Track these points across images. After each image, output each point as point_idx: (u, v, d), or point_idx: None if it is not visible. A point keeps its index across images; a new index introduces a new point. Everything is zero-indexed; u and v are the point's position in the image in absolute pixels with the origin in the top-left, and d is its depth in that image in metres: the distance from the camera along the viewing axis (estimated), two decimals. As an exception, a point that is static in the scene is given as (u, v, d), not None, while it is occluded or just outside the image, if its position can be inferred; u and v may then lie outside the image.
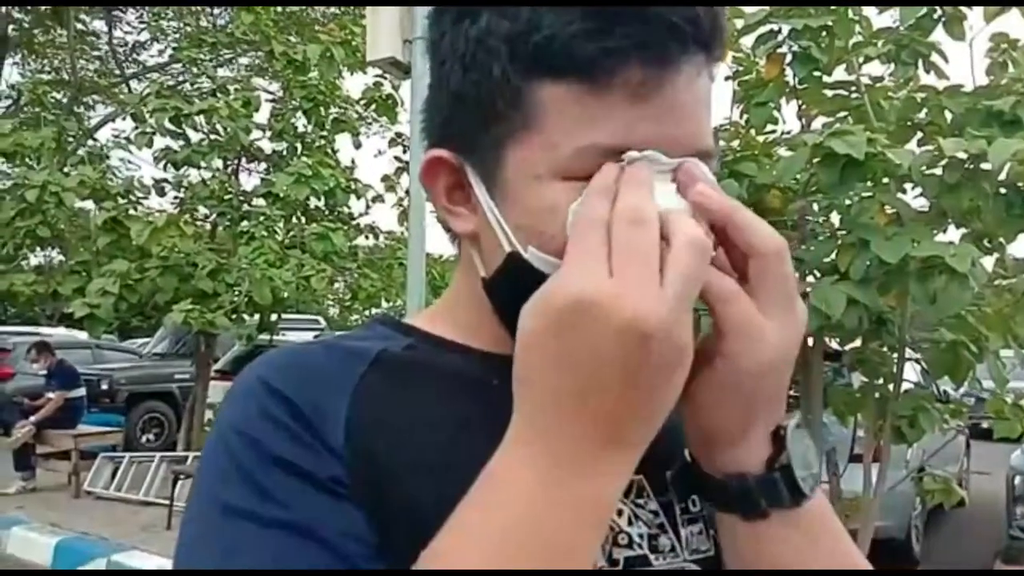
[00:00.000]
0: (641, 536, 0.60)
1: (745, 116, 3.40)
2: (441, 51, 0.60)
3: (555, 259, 0.54)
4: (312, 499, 0.53)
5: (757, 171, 3.11)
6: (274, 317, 7.60)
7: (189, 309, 6.54)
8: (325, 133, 8.06)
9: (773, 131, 3.47)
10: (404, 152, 7.91)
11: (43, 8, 9.80)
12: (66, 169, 7.65)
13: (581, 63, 0.53)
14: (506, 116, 0.56)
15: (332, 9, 9.34)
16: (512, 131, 0.56)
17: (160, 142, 7.73)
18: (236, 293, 6.84)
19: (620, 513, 0.60)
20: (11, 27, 10.21)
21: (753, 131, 3.48)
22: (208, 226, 7.92)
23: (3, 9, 9.80)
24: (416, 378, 0.62)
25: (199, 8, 9.74)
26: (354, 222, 8.53)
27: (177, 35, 10.10)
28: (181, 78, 10.02)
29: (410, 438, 0.58)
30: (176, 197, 8.01)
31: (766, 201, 3.17)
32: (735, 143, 3.45)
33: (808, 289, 2.71)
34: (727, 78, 3.51)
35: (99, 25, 10.29)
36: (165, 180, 7.99)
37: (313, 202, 7.73)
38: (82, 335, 13.12)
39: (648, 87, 0.53)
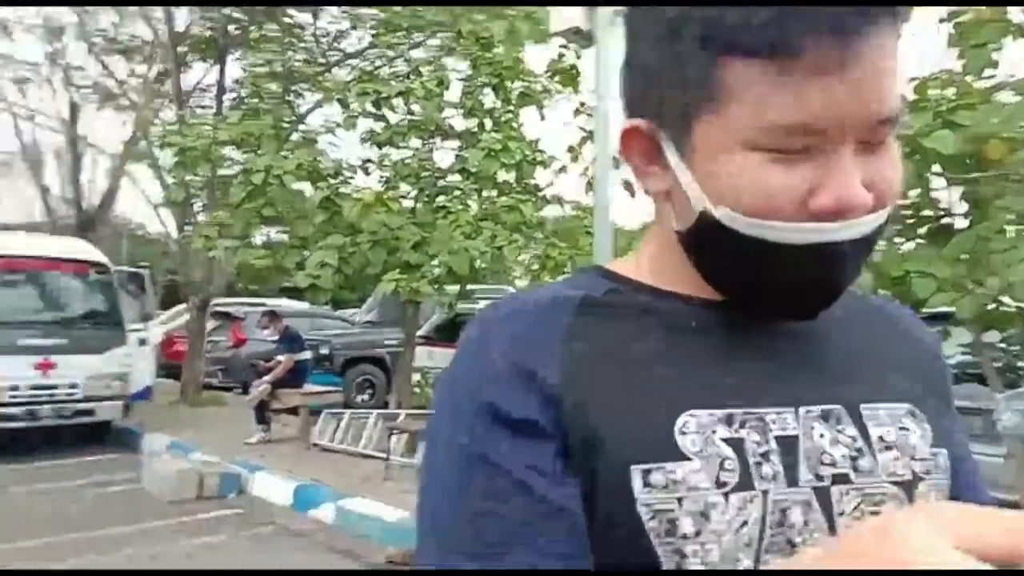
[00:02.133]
0: (843, 457, 0.64)
1: (961, 61, 3.19)
2: (636, 29, 0.66)
3: (743, 218, 0.61)
4: (507, 439, 0.61)
5: (975, 120, 2.92)
6: (471, 286, 8.02)
7: (397, 279, 7.07)
8: (511, 107, 8.31)
9: (992, 76, 3.22)
10: (588, 121, 8.01)
11: (258, 7, 10.78)
12: (283, 153, 8.43)
13: (769, 43, 0.56)
14: (697, 92, 0.61)
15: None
16: (702, 105, 0.61)
17: (363, 124, 8.34)
18: (437, 264, 7.30)
19: (822, 436, 0.65)
20: (232, 27, 11.32)
21: (970, 77, 3.25)
22: (410, 202, 8.46)
23: (225, 11, 10.88)
24: (617, 319, 0.67)
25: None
26: (541, 193, 8.77)
27: (375, 21, 10.74)
28: (378, 63, 10.69)
29: (609, 372, 0.64)
30: (381, 176, 8.62)
31: (985, 152, 2.98)
32: (950, 91, 3.24)
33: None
34: (940, 20, 3.29)
35: (305, 17, 11.15)
36: (370, 160, 8.62)
37: (502, 175, 8.03)
38: (301, 305, 14.50)
39: (833, 64, 0.56)
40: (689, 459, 0.61)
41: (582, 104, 8.30)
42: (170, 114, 11.73)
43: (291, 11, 11.33)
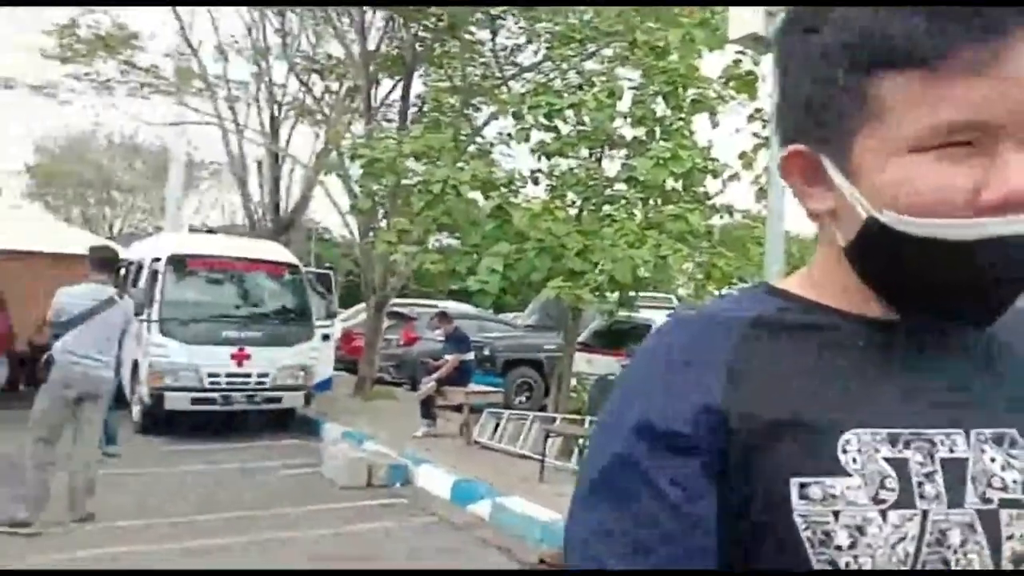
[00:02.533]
0: (1015, 482, 0.64)
1: None
2: (786, 62, 0.69)
3: (908, 217, 0.61)
4: (656, 452, 0.65)
5: None
6: (632, 294, 8.02)
7: (560, 286, 7.21)
8: (683, 115, 8.23)
9: None
10: (763, 127, 7.78)
11: (440, 24, 11.35)
12: (459, 164, 8.83)
13: (914, 53, 0.59)
14: (851, 114, 0.64)
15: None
16: (859, 125, 0.63)
17: (536, 136, 8.58)
18: (599, 271, 7.37)
19: (993, 460, 0.65)
20: (417, 45, 11.99)
21: None
22: (576, 210, 8.60)
23: (411, 32, 11.54)
24: (788, 336, 0.69)
25: (567, 8, 10.52)
26: (709, 201, 8.61)
27: (549, 35, 11.02)
28: (552, 75, 10.95)
29: (775, 389, 0.66)
30: (548, 185, 8.82)
31: None
32: None
33: None
34: None
35: (484, 34, 11.62)
36: (539, 170, 8.85)
37: (670, 184, 7.97)
38: (467, 308, 15.07)
39: (980, 61, 0.58)
40: (849, 475, 0.63)
41: (757, 110, 8.09)
42: (359, 128, 12.60)
43: (472, 28, 11.84)
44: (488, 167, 8.71)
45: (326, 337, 10.78)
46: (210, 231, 15.05)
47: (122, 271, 10.71)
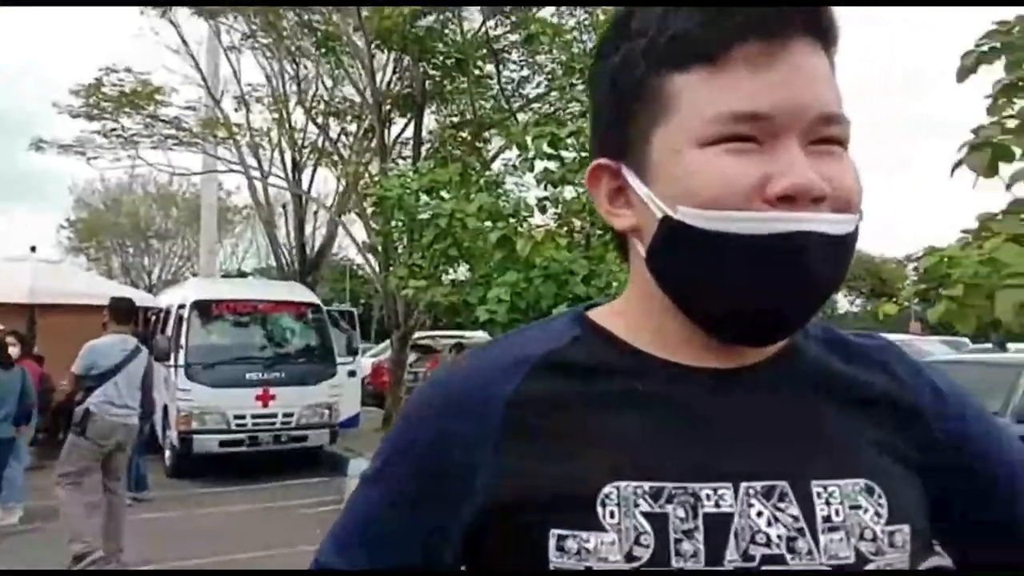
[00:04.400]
0: (780, 537, 0.63)
1: None
2: (595, 91, 0.72)
3: (701, 211, 0.61)
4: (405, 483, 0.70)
5: None
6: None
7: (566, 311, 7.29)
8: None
9: None
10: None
11: (448, 61, 11.61)
12: (472, 197, 9.00)
13: (702, 48, 0.62)
14: (648, 110, 0.65)
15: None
16: (654, 120, 0.65)
17: (540, 165, 8.71)
18: (606, 296, 7.44)
19: (760, 515, 0.63)
20: (427, 82, 12.26)
21: None
22: (582, 236, 8.70)
23: (419, 70, 11.82)
24: (572, 380, 0.69)
25: (572, 38, 10.71)
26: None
27: (553, 65, 11.20)
28: (557, 105, 11.11)
29: (544, 437, 0.66)
30: (555, 213, 8.94)
31: None
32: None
33: None
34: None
35: (490, 68, 11.85)
36: (546, 199, 8.98)
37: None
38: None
39: (764, 58, 0.61)
40: (605, 530, 0.62)
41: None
42: (376, 167, 12.89)
43: (479, 63, 12.09)
44: (495, 198, 8.86)
45: (351, 374, 10.96)
46: (242, 275, 15.44)
47: (152, 319, 11.11)
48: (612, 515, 0.62)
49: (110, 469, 5.86)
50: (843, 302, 37.42)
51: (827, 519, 0.64)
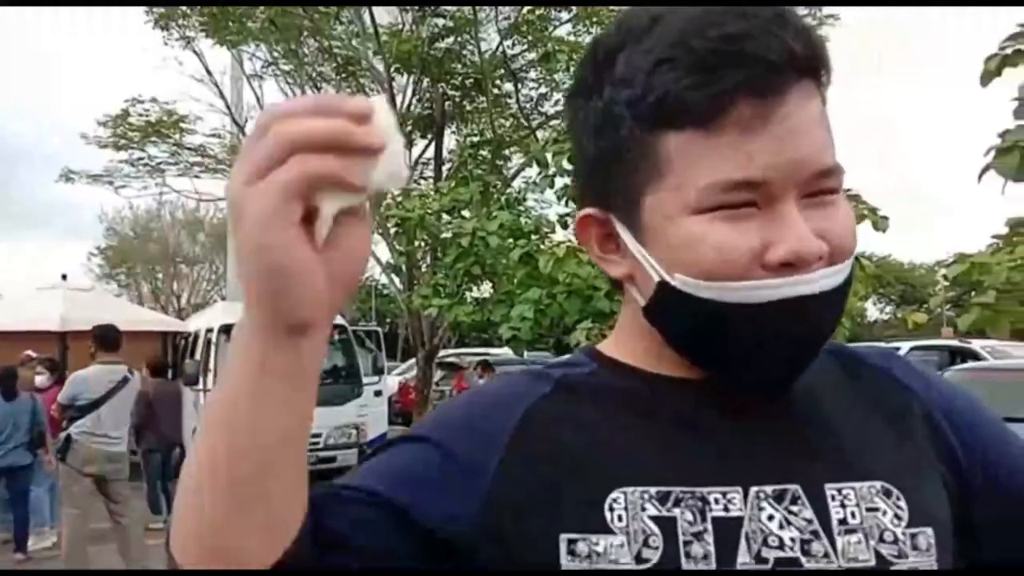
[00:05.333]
0: (793, 540, 0.62)
1: None
2: (576, 128, 0.69)
3: (701, 281, 0.61)
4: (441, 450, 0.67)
5: None
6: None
7: (589, 327, 7.28)
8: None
9: None
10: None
11: (467, 82, 11.72)
12: (494, 215, 9.05)
13: (693, 112, 0.59)
14: (637, 168, 0.63)
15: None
16: (645, 181, 0.63)
17: (560, 181, 8.74)
18: (630, 311, 7.40)
19: (771, 518, 0.62)
20: (447, 103, 12.38)
21: None
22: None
23: (439, 91, 11.95)
24: (582, 397, 0.70)
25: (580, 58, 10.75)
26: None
27: (571, 81, 11.24)
28: (576, 121, 11.12)
29: (555, 449, 0.67)
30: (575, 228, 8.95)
31: None
32: None
33: None
34: None
35: (509, 87, 11.94)
36: (568, 214, 8.99)
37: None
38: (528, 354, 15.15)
39: (757, 120, 0.59)
40: (614, 533, 0.62)
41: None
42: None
43: (497, 82, 12.18)
44: (517, 215, 8.90)
45: (378, 393, 10.99)
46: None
47: (182, 343, 11.24)
48: (620, 518, 0.62)
49: (110, 497, 5.91)
50: (873, 310, 36.91)
51: (843, 521, 0.63)
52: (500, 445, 0.67)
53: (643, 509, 0.63)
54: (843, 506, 0.63)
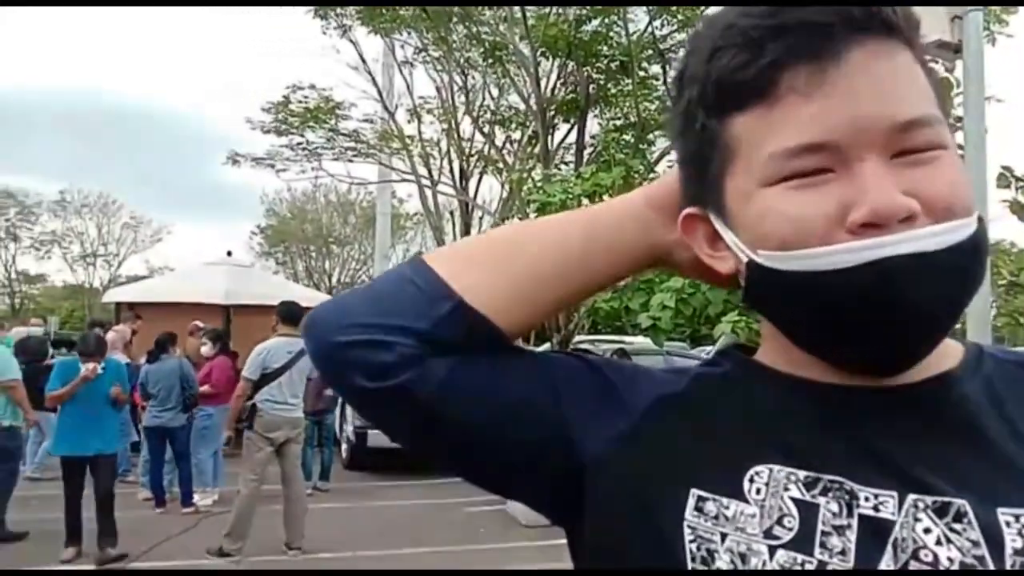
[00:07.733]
0: (951, 560, 0.56)
1: None
2: (669, 130, 0.73)
3: (775, 252, 0.61)
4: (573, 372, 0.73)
5: None
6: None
7: (736, 320, 7.00)
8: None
9: None
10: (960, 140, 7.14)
11: (613, 65, 11.54)
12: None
13: (748, 88, 0.61)
14: (715, 157, 0.65)
15: None
16: (723, 166, 0.65)
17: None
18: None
19: (928, 531, 0.57)
20: (591, 86, 12.24)
21: None
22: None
23: (584, 74, 11.83)
24: (736, 386, 0.70)
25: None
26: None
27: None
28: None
29: (705, 422, 0.68)
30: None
31: None
32: None
33: None
34: None
35: (656, 69, 11.65)
36: (713, 200, 8.69)
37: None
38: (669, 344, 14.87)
39: (813, 85, 0.58)
40: (748, 503, 0.61)
41: (957, 119, 7.42)
42: (539, 172, 13.03)
43: (643, 64, 11.92)
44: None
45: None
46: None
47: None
48: (758, 492, 0.61)
49: (285, 461, 6.31)
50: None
51: (1019, 552, 0.56)
52: (652, 396, 0.70)
53: (786, 489, 0.61)
54: (1020, 535, 0.56)
